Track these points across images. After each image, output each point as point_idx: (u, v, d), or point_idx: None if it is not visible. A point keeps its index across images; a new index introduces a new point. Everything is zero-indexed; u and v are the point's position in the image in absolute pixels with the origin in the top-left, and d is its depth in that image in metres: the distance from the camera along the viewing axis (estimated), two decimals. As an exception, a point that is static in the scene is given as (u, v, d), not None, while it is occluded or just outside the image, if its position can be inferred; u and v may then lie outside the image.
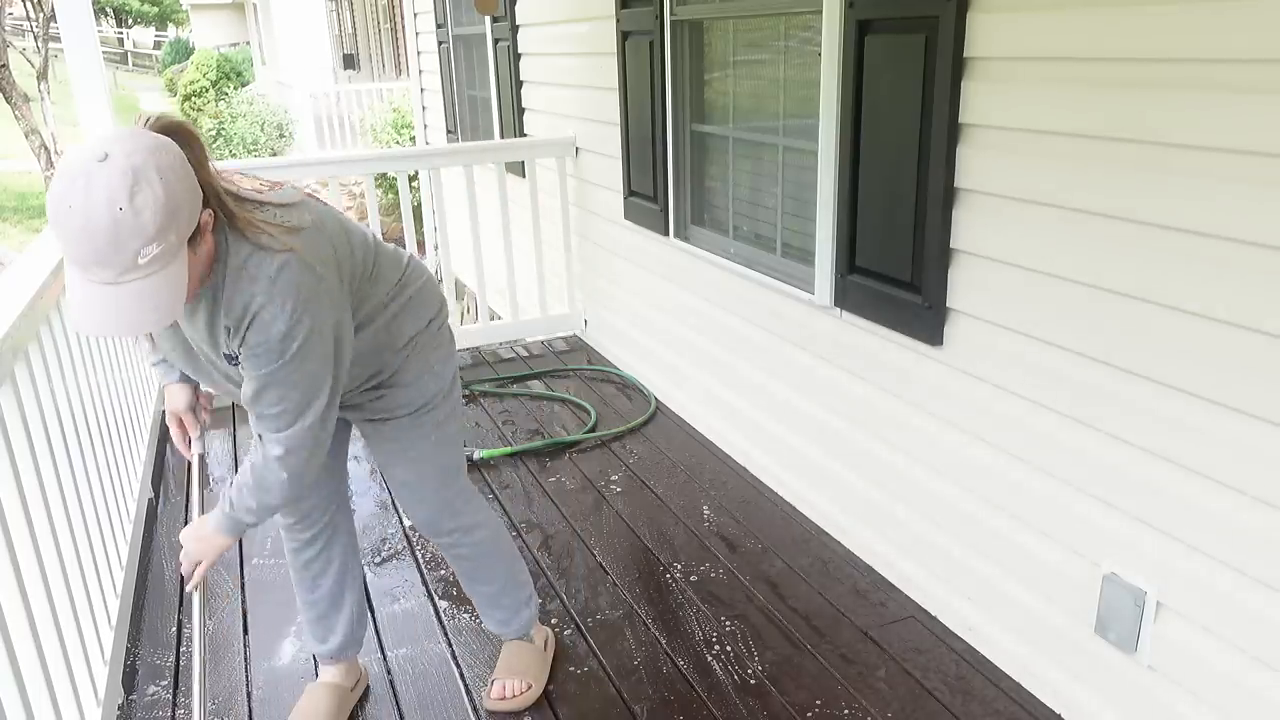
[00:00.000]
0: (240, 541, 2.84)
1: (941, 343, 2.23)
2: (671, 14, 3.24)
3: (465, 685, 2.20)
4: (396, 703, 2.15)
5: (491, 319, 4.63)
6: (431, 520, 2.00)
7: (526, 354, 4.43)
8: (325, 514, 2.01)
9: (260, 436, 1.62)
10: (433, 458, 1.93)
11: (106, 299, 1.31)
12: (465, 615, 2.46)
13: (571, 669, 2.24)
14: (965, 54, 2.00)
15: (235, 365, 1.57)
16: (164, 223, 1.29)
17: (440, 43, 6.51)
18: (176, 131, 1.38)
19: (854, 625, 2.37)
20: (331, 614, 2.07)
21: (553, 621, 2.41)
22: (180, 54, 31.39)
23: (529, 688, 2.12)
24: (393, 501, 3.06)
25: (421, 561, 2.71)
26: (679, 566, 2.65)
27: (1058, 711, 2.06)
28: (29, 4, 16.02)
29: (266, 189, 1.57)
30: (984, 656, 2.24)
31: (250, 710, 2.14)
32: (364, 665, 2.23)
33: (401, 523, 2.93)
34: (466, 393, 3.95)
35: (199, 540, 1.75)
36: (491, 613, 2.17)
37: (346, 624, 2.08)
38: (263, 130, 14.97)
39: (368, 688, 2.20)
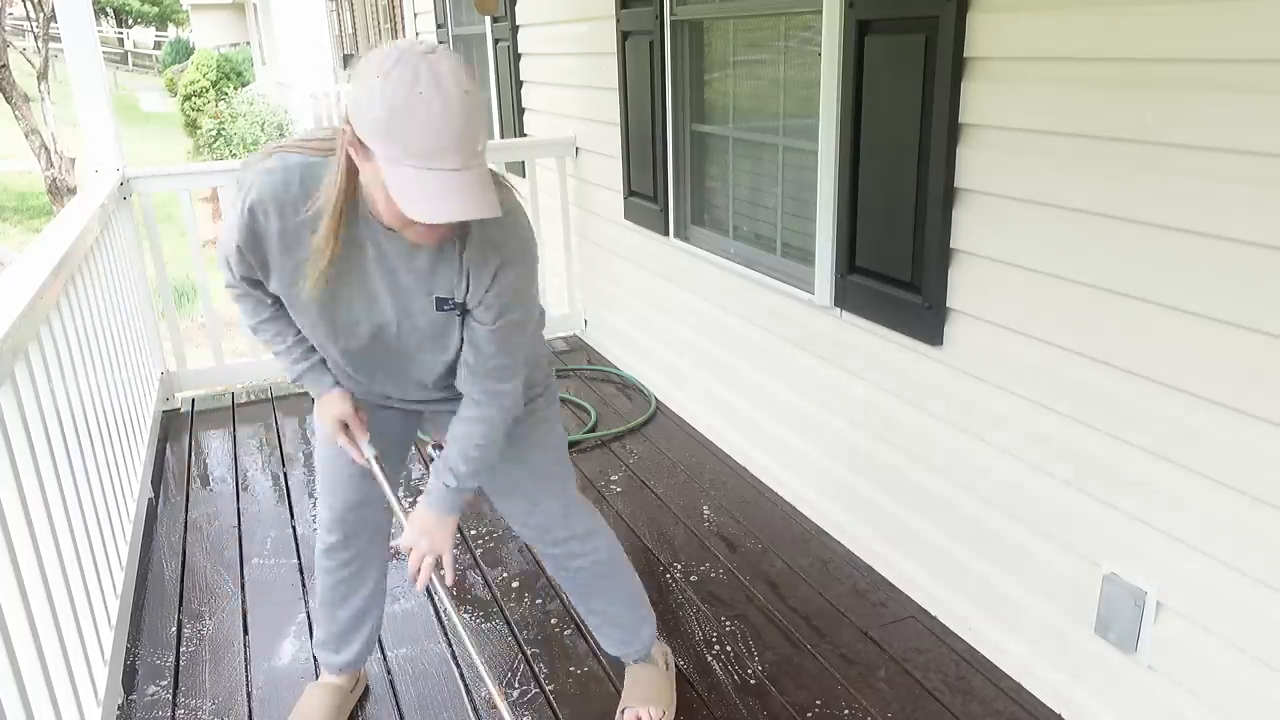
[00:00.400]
0: (240, 541, 2.84)
1: (941, 343, 2.23)
2: (671, 14, 3.24)
3: (465, 685, 2.20)
4: (396, 703, 2.15)
5: (491, 319, 4.62)
6: (546, 526, 1.91)
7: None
8: (367, 538, 2.00)
9: (482, 398, 1.62)
10: (543, 458, 1.88)
11: (450, 185, 1.29)
12: (465, 615, 2.46)
13: (571, 669, 2.24)
14: (965, 54, 2.00)
15: (448, 311, 1.55)
16: (488, 121, 1.34)
17: (440, 43, 6.51)
18: None
19: (854, 625, 2.37)
20: (351, 633, 2.06)
21: (552, 621, 2.42)
22: (180, 54, 31.40)
23: (663, 714, 2.03)
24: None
25: (421, 561, 2.71)
26: (679, 566, 2.65)
27: (1058, 711, 2.06)
28: (29, 4, 16.02)
29: None
30: (984, 656, 2.24)
31: (250, 710, 2.14)
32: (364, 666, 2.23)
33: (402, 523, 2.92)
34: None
35: (427, 534, 1.71)
36: (610, 633, 2.07)
37: (362, 643, 2.08)
38: (263, 130, 14.98)
39: (367, 687, 2.20)
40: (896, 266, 2.31)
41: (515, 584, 2.59)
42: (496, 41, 5.14)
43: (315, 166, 1.46)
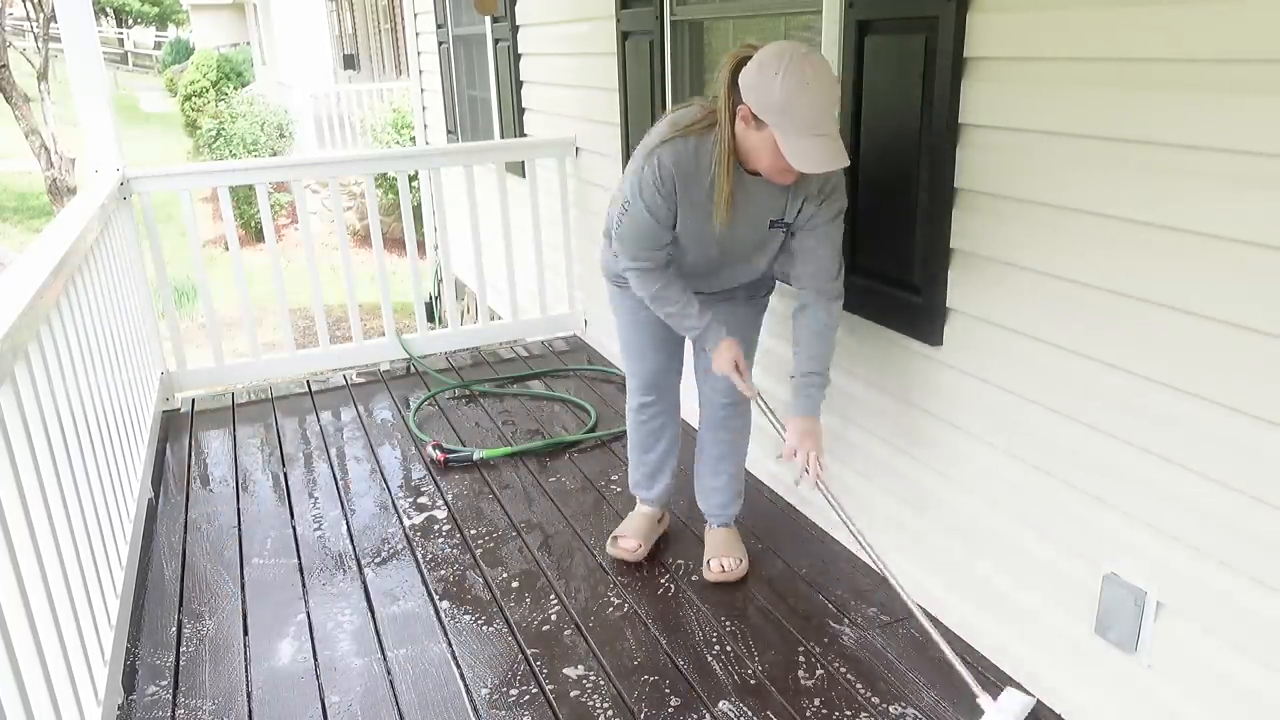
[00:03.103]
0: (240, 541, 2.84)
1: (941, 343, 2.23)
2: (671, 14, 3.24)
3: (465, 685, 2.20)
4: (396, 703, 2.15)
5: (491, 319, 4.63)
6: (727, 388, 2.43)
7: (526, 354, 4.43)
8: (670, 398, 2.63)
9: (826, 297, 2.22)
10: (751, 332, 2.53)
11: (829, 146, 1.94)
12: (465, 615, 2.46)
13: (572, 669, 2.24)
14: (965, 54, 2.00)
15: (777, 230, 2.22)
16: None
17: (440, 43, 6.51)
18: None
19: (854, 625, 2.37)
20: (657, 473, 2.69)
21: (553, 621, 2.42)
22: (180, 54, 31.40)
23: (740, 562, 2.57)
24: (393, 502, 3.06)
25: (421, 561, 2.71)
26: (679, 566, 2.65)
27: (1058, 711, 2.06)
28: (29, 4, 16.02)
29: None
30: (984, 656, 2.24)
31: (250, 710, 2.14)
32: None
33: (402, 523, 2.93)
34: (467, 393, 3.96)
35: (807, 435, 2.24)
36: (716, 494, 2.63)
37: (665, 483, 2.71)
38: (263, 130, 14.98)
39: (666, 531, 2.77)
40: (896, 266, 2.31)
41: (515, 584, 2.59)
42: (496, 41, 5.14)
43: (700, 143, 2.12)
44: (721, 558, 2.57)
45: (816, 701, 2.11)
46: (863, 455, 2.60)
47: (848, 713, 2.08)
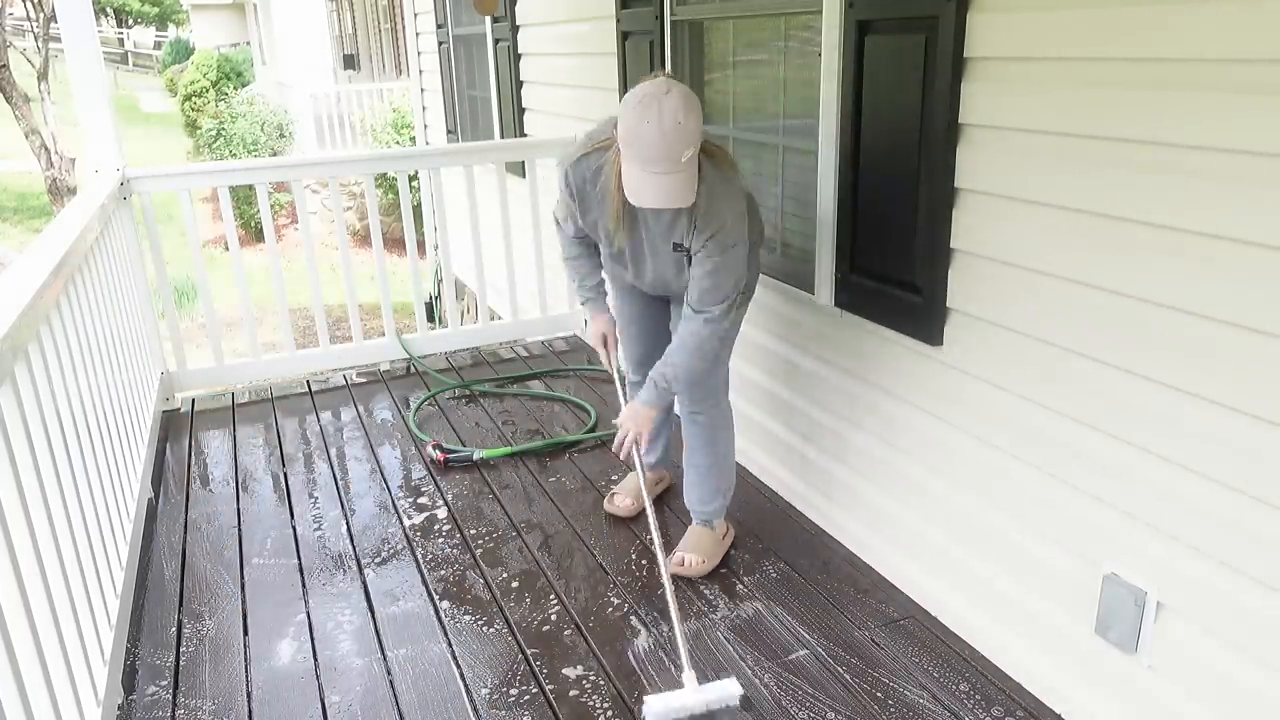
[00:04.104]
0: (240, 541, 2.84)
1: (941, 342, 2.23)
2: (671, 14, 3.24)
3: (465, 685, 2.20)
4: (396, 703, 2.15)
5: (491, 319, 4.63)
6: (696, 385, 2.50)
7: (526, 354, 4.43)
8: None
9: (694, 313, 2.26)
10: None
11: (662, 184, 2.04)
12: (465, 615, 2.46)
13: (571, 669, 2.24)
14: (965, 54, 2.00)
15: (680, 253, 2.27)
16: (694, 138, 2.02)
17: (440, 43, 6.51)
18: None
19: (854, 625, 2.37)
20: (654, 440, 2.82)
21: (553, 621, 2.42)
22: (180, 54, 31.39)
23: (703, 562, 2.60)
24: (393, 502, 3.07)
25: (421, 561, 2.71)
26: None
27: (1058, 711, 2.06)
28: (29, 4, 16.01)
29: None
30: (984, 656, 2.24)
31: (250, 710, 2.14)
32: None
33: (402, 523, 2.93)
34: (467, 393, 3.96)
35: (633, 417, 2.40)
36: (693, 490, 2.67)
37: (661, 448, 2.93)
38: (263, 130, 14.97)
39: (670, 485, 3.00)
40: (897, 266, 2.31)
41: (515, 584, 2.59)
42: (496, 41, 5.14)
43: (598, 159, 2.26)
44: (686, 553, 2.60)
45: (817, 702, 2.11)
46: (862, 454, 2.60)
47: (847, 713, 2.08)
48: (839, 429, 2.69)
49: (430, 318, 5.72)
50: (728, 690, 2.06)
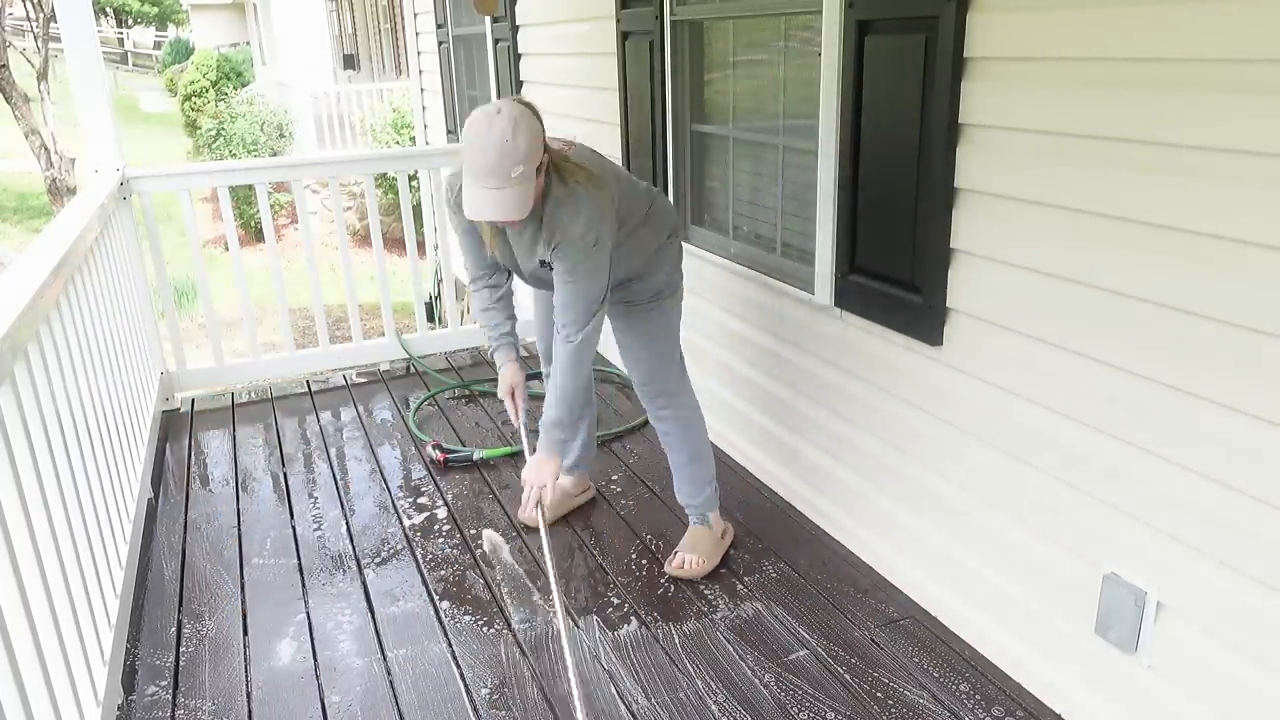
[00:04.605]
0: (240, 541, 2.84)
1: (941, 343, 2.23)
2: (671, 14, 3.24)
3: (465, 685, 2.20)
4: (396, 703, 2.15)
5: (491, 319, 4.62)
6: (644, 380, 2.59)
7: (527, 354, 4.41)
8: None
9: (558, 331, 2.30)
10: (658, 339, 2.56)
11: (491, 198, 2.09)
12: (465, 616, 2.46)
13: (572, 668, 2.24)
14: (965, 54, 2.00)
15: (545, 269, 2.29)
16: (526, 155, 2.07)
17: (440, 43, 6.51)
18: (530, 106, 2.16)
19: (854, 625, 2.37)
20: (569, 443, 2.79)
21: (553, 622, 2.42)
22: (180, 54, 31.37)
23: (703, 563, 2.60)
24: (393, 502, 3.07)
25: (421, 561, 2.71)
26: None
27: (1058, 711, 2.06)
28: (29, 4, 16.01)
29: (569, 150, 2.30)
30: (984, 656, 2.24)
31: (250, 710, 2.14)
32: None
33: (401, 523, 2.93)
34: (467, 392, 3.96)
35: (535, 471, 2.40)
36: (682, 485, 2.69)
37: (578, 449, 2.92)
38: (263, 130, 14.97)
39: (593, 498, 2.98)
40: (896, 266, 2.31)
41: (516, 584, 2.59)
42: (496, 41, 5.14)
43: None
44: (685, 553, 2.61)
45: (817, 703, 2.11)
46: (862, 455, 2.60)
47: (846, 713, 2.08)
48: (839, 429, 2.69)
49: (430, 318, 5.72)
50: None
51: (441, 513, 2.99)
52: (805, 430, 2.85)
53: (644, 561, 2.68)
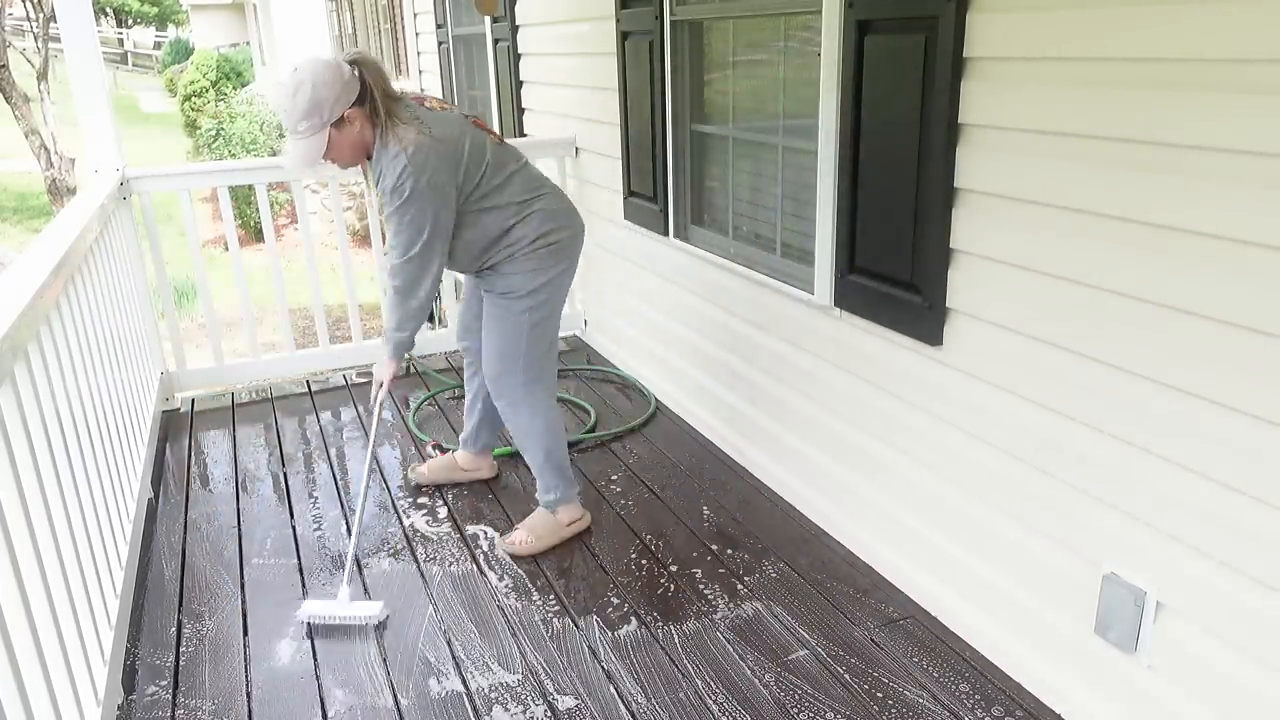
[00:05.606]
0: (240, 541, 2.84)
1: (941, 343, 2.23)
2: (671, 14, 3.24)
3: (465, 684, 2.20)
4: (396, 703, 2.15)
5: (491, 319, 4.62)
6: (490, 375, 2.74)
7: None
8: (473, 350, 2.96)
9: (387, 257, 2.52)
10: (500, 336, 2.68)
11: (289, 147, 2.40)
12: (466, 615, 2.46)
13: (571, 668, 2.24)
14: (965, 54, 2.00)
15: None
16: (308, 111, 2.34)
17: (440, 43, 6.51)
18: (361, 61, 2.46)
19: (854, 625, 2.37)
20: (469, 415, 3.07)
21: (552, 622, 2.42)
22: (180, 54, 31.38)
23: (529, 541, 2.73)
24: (393, 502, 3.07)
25: (421, 561, 2.71)
26: (678, 566, 2.65)
27: (1057, 711, 2.06)
28: (29, 4, 16.02)
29: (436, 109, 2.56)
30: (984, 656, 2.24)
31: (250, 710, 2.14)
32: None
33: (401, 522, 2.93)
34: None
35: (377, 367, 2.68)
36: (537, 479, 2.83)
37: (471, 426, 3.09)
38: (262, 130, 14.97)
39: (498, 474, 3.18)
40: (896, 266, 2.31)
41: (515, 584, 2.59)
42: (496, 41, 5.14)
43: None
44: (519, 532, 2.76)
45: (817, 703, 2.11)
46: (862, 454, 2.60)
47: (846, 713, 2.08)
48: (838, 429, 2.69)
49: (430, 318, 5.72)
50: (371, 610, 2.42)
51: (442, 512, 2.99)
52: (804, 429, 2.85)
53: (644, 562, 2.68)
